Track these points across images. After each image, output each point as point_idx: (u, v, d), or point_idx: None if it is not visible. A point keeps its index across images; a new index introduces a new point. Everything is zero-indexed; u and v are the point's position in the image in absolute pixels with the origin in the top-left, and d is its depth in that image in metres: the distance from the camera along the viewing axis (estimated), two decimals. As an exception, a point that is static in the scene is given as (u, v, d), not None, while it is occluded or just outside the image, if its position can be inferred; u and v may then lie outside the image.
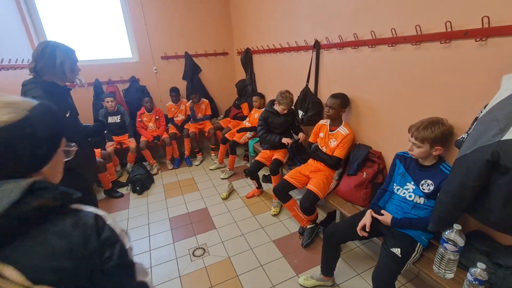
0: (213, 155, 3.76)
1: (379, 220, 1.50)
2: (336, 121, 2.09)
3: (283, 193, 2.16)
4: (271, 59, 3.19)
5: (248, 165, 3.64)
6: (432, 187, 1.36)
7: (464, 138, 1.24)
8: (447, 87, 1.43)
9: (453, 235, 1.19)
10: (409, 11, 1.54)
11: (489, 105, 1.05)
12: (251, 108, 3.59)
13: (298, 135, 2.55)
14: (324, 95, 2.38)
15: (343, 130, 2.03)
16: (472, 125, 1.22)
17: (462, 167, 1.05)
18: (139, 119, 3.60)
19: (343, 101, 2.02)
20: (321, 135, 2.19)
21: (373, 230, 1.50)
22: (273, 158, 2.63)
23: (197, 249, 2.14)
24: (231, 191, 2.97)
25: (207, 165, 3.70)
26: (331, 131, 2.11)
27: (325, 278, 1.72)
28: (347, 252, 2.03)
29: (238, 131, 3.38)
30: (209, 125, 3.76)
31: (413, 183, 1.44)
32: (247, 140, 3.34)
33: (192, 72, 3.97)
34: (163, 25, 3.70)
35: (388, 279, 1.33)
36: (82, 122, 1.81)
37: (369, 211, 1.54)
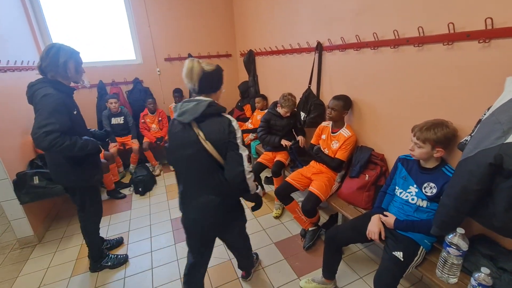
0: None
1: (382, 221, 1.49)
2: (338, 123, 2.08)
3: (285, 195, 2.15)
4: (274, 61, 3.20)
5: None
6: (434, 190, 1.34)
7: (467, 140, 1.22)
8: (450, 89, 1.41)
9: (456, 239, 1.18)
10: (412, 12, 1.53)
11: (493, 107, 1.04)
12: (253, 110, 3.59)
13: (298, 137, 2.55)
14: (326, 97, 2.37)
15: (345, 132, 2.02)
16: (475, 127, 1.21)
17: (465, 171, 1.03)
18: (142, 120, 3.62)
19: (345, 103, 2.01)
20: (323, 137, 2.17)
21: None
22: (275, 160, 2.62)
23: (198, 250, 2.14)
24: (233, 193, 2.96)
25: (209, 167, 3.70)
26: (333, 133, 2.10)
27: (326, 281, 1.71)
28: (349, 255, 2.01)
29: (240, 133, 3.38)
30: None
31: (415, 186, 1.42)
32: (250, 141, 3.34)
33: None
34: (167, 27, 3.73)
35: (390, 283, 1.32)
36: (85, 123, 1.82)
37: (378, 217, 1.52)
